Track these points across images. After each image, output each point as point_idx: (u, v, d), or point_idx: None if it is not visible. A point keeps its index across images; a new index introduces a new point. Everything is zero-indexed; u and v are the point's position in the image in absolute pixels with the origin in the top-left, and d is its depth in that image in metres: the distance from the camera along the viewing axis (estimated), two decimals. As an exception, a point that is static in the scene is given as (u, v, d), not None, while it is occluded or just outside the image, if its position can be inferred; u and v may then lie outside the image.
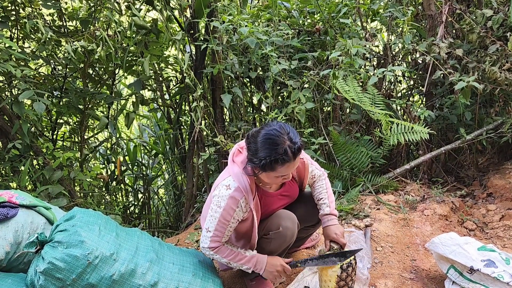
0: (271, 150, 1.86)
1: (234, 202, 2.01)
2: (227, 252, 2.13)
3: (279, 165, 1.89)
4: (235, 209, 2.02)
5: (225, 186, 2.04)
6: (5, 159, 3.26)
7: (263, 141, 1.89)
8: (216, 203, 2.04)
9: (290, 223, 2.22)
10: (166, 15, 3.51)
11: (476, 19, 3.54)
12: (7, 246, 1.97)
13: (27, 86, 2.98)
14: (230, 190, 2.02)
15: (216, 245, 2.10)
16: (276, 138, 1.87)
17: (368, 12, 4.12)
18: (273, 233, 2.21)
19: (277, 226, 2.21)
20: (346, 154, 3.64)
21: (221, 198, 2.03)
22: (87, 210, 2.07)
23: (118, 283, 1.92)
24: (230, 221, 2.04)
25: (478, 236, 3.07)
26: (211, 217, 2.06)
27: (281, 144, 1.86)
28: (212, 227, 2.06)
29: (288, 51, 3.78)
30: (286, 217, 2.23)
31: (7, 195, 2.12)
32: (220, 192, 2.04)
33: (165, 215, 5.25)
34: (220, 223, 2.04)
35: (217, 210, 2.03)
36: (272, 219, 2.24)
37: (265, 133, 1.90)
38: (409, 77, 4.38)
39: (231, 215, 2.03)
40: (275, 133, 1.88)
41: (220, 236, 2.08)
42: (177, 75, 4.54)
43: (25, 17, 3.42)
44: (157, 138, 5.32)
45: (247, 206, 2.05)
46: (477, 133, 3.64)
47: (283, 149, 1.86)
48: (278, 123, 1.95)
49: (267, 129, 1.91)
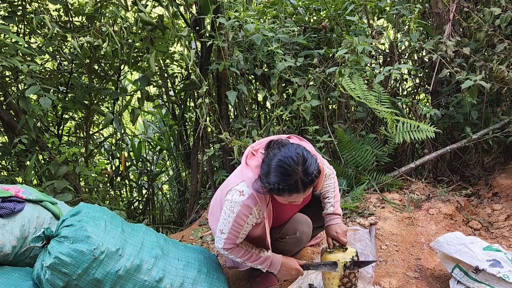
0: (281, 179, 1.82)
1: (247, 210, 1.98)
2: (241, 253, 2.12)
3: (286, 194, 1.85)
4: (249, 215, 2.00)
5: (238, 191, 1.99)
6: (11, 153, 3.28)
7: (276, 168, 1.83)
8: (229, 208, 2.00)
9: (307, 227, 2.24)
10: (172, 11, 3.50)
11: (484, 17, 3.51)
12: (13, 240, 1.98)
13: (33, 81, 2.98)
14: (244, 196, 1.98)
15: (230, 247, 2.09)
16: (288, 168, 1.81)
17: (374, 10, 4.10)
18: (289, 237, 2.23)
19: (294, 231, 2.22)
20: (351, 152, 3.64)
21: (234, 203, 1.99)
22: (93, 206, 2.08)
23: (124, 279, 1.93)
24: (244, 226, 2.02)
25: (483, 235, 3.06)
26: (224, 220, 2.03)
27: (293, 175, 1.81)
28: (226, 230, 2.03)
29: (294, 48, 3.76)
30: (303, 221, 2.25)
31: (13, 190, 2.13)
32: (233, 197, 1.99)
33: (169, 211, 5.26)
34: (233, 227, 2.02)
35: (230, 214, 2.00)
36: (289, 223, 2.24)
37: (280, 159, 1.84)
38: (415, 75, 4.36)
39: (245, 221, 2.00)
40: (289, 162, 1.81)
41: (234, 239, 2.06)
42: (182, 72, 4.53)
43: (32, 12, 3.43)
44: (162, 134, 5.33)
45: (260, 213, 2.02)
46: (483, 132, 3.62)
47: (293, 180, 1.81)
48: (298, 149, 1.87)
49: (284, 155, 1.84)
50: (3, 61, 2.79)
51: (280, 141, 1.98)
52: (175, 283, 2.06)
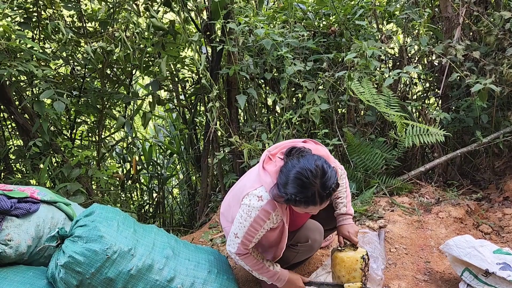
0: (299, 191, 1.83)
1: (265, 215, 1.98)
2: (253, 262, 2.12)
3: (303, 205, 1.86)
4: (266, 221, 2.00)
5: (257, 196, 1.98)
6: (26, 156, 3.34)
7: (294, 179, 1.84)
8: (246, 212, 2.00)
9: (318, 235, 2.27)
10: (183, 16, 3.56)
11: (494, 21, 3.51)
12: (29, 240, 2.03)
13: (47, 86, 3.05)
14: (263, 202, 1.97)
15: (243, 252, 2.09)
16: (306, 181, 1.81)
17: (384, 14, 4.11)
18: (301, 245, 2.26)
19: (305, 239, 2.25)
20: (361, 156, 3.64)
21: (252, 208, 1.98)
22: (106, 206, 2.12)
23: (136, 278, 1.97)
24: (259, 231, 2.02)
25: (494, 239, 3.05)
26: (240, 224, 2.03)
27: (311, 188, 1.81)
28: (241, 234, 2.03)
29: (304, 52, 3.79)
30: (315, 229, 2.27)
31: (29, 191, 2.18)
32: (251, 202, 1.98)
33: (179, 214, 5.30)
34: (249, 231, 2.01)
35: (247, 219, 1.99)
36: (301, 231, 2.26)
37: (298, 170, 1.84)
38: (425, 79, 4.36)
39: (261, 226, 2.01)
40: (307, 175, 1.81)
41: (248, 244, 2.06)
42: (193, 76, 4.58)
43: (47, 19, 3.50)
44: (172, 138, 5.37)
45: (278, 218, 2.03)
46: (494, 136, 3.60)
47: (311, 193, 1.82)
48: (318, 160, 1.87)
49: (303, 166, 1.84)
50: (19, 66, 2.85)
51: (301, 150, 1.97)
52: (185, 283, 2.09)
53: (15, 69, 2.84)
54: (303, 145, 2.09)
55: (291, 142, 2.14)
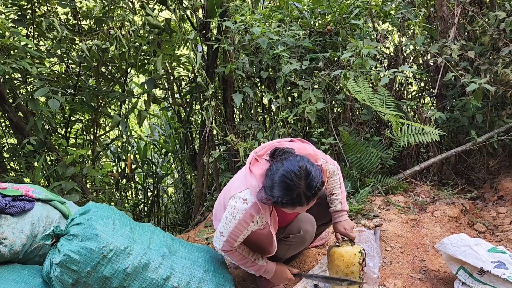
0: (285, 194, 1.84)
1: (249, 218, 1.99)
2: (238, 257, 2.17)
3: (290, 206, 1.88)
4: (250, 223, 2.01)
5: (242, 199, 2.00)
6: (20, 154, 3.32)
7: (279, 182, 1.84)
8: (231, 213, 2.01)
9: (310, 226, 2.27)
10: (179, 14, 3.55)
11: (488, 21, 3.53)
12: (23, 238, 2.01)
13: (42, 84, 3.03)
14: (247, 205, 1.98)
15: (228, 249, 2.12)
16: (291, 183, 1.82)
17: (379, 14, 4.12)
18: (293, 236, 2.26)
19: (297, 230, 2.25)
20: (356, 155, 3.65)
21: (237, 210, 1.99)
22: (101, 205, 2.11)
23: (132, 276, 1.96)
24: (243, 232, 2.04)
25: (488, 238, 3.07)
26: (225, 224, 2.04)
27: (296, 190, 1.82)
28: (226, 233, 2.05)
29: (299, 51, 3.79)
30: (307, 220, 2.28)
31: (24, 189, 2.16)
32: (237, 204, 2.00)
33: (174, 213, 5.29)
34: (233, 232, 2.03)
35: (232, 220, 2.01)
36: (293, 222, 2.28)
37: (282, 173, 1.84)
38: (420, 79, 4.38)
39: (245, 228, 2.02)
40: (291, 177, 1.82)
41: (232, 242, 2.08)
42: (188, 74, 4.57)
43: (41, 16, 3.48)
44: (168, 136, 5.36)
45: (263, 221, 2.03)
46: (488, 135, 3.62)
47: (296, 195, 1.83)
48: (301, 161, 1.87)
49: (286, 169, 1.84)
50: (13, 63, 2.83)
51: (284, 151, 1.97)
52: (182, 282, 2.08)
53: (9, 66, 2.81)
54: (289, 144, 2.09)
55: (277, 142, 2.14)
